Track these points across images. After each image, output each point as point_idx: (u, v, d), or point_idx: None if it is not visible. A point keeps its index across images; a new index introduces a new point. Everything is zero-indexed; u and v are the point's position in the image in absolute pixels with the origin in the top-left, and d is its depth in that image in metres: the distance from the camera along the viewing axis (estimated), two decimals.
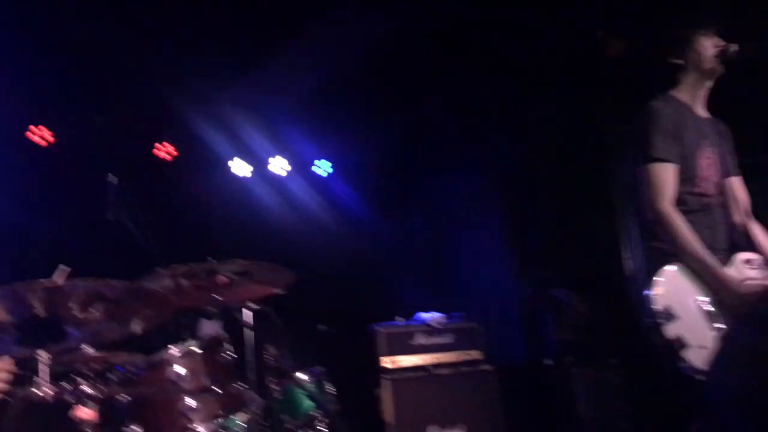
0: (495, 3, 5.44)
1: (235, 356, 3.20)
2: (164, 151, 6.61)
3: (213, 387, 2.90)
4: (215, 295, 3.30)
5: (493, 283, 6.40)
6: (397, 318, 5.45)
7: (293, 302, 5.05)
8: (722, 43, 3.01)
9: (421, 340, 5.30)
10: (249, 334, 3.52)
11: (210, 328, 3.56)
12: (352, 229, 7.42)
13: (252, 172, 7.15)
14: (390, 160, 7.40)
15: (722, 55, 2.99)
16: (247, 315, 3.56)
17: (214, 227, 6.43)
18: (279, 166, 7.27)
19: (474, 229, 6.79)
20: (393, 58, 6.07)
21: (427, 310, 5.53)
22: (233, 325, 3.45)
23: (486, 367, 5.32)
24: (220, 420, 2.85)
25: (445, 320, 5.42)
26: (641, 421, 4.96)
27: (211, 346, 3.05)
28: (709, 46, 3.00)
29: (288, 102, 6.75)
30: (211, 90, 6.19)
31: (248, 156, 7.09)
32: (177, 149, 6.65)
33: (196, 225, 6.36)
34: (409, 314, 5.52)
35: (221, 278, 3.40)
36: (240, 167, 7.06)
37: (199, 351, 3.04)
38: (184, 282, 3.41)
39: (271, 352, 3.33)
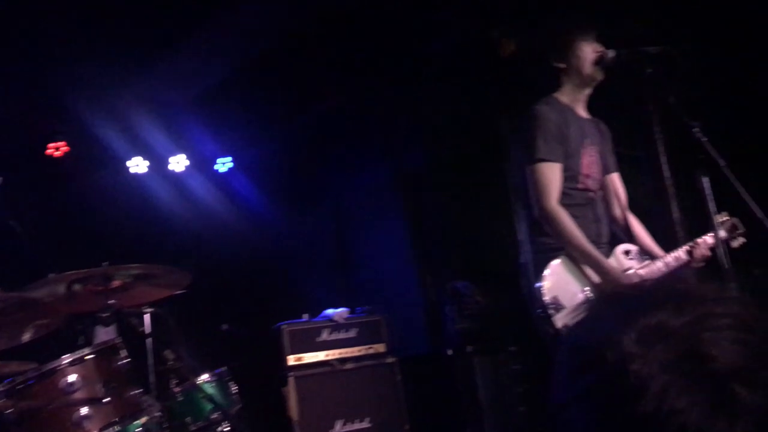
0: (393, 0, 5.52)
1: (132, 361, 3.14)
2: (55, 148, 6.35)
3: (108, 394, 2.83)
4: (110, 300, 3.22)
5: (397, 277, 6.51)
6: (304, 315, 5.46)
7: (195, 302, 5.00)
8: (601, 48, 3.18)
9: (325, 336, 5.33)
10: (147, 338, 3.45)
11: (105, 334, 3.48)
12: (256, 226, 7.36)
13: (151, 169, 6.97)
14: (293, 156, 7.38)
15: (601, 61, 3.16)
16: (144, 318, 3.49)
17: (110, 229, 6.25)
18: (178, 162, 7.12)
19: (378, 223, 6.88)
20: (294, 53, 6.06)
21: (335, 306, 5.57)
22: (130, 329, 3.38)
23: (390, 359, 5.41)
24: (116, 428, 2.78)
25: (349, 315, 5.47)
26: (536, 405, 5.19)
27: (106, 353, 2.98)
28: (589, 51, 3.16)
29: (187, 97, 6.61)
30: (106, 86, 5.99)
31: (147, 153, 6.91)
32: (70, 147, 6.40)
33: (90, 227, 6.16)
34: (317, 311, 5.55)
35: (116, 282, 3.33)
36: (138, 165, 6.87)
37: (93, 358, 2.95)
38: (77, 287, 3.32)
39: (169, 355, 3.28)
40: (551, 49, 3.22)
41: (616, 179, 3.36)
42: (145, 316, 3.58)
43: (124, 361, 3.00)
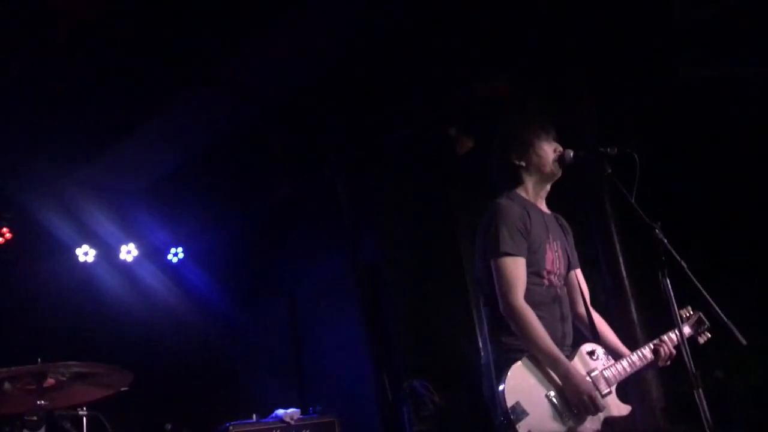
0: (349, 91, 5.58)
1: None
2: None
3: None
4: (42, 401, 2.98)
5: (352, 374, 6.31)
6: (253, 415, 5.22)
7: (140, 401, 4.72)
8: (560, 148, 3.20)
9: None
10: None
11: None
12: (207, 319, 7.13)
13: (99, 258, 6.75)
14: (245, 246, 7.25)
15: (560, 160, 3.17)
16: (77, 421, 3.24)
17: (51, 321, 5.96)
18: (129, 252, 6.92)
19: (333, 317, 6.71)
20: (246, 142, 6.06)
21: (286, 406, 5.35)
22: None
23: None
24: None
25: (300, 416, 5.24)
26: None
27: None
28: (549, 150, 3.18)
29: (137, 186, 6.51)
30: (53, 173, 5.86)
31: (95, 242, 6.71)
32: (13, 234, 6.17)
33: (31, 318, 5.87)
34: (267, 411, 5.31)
35: (50, 381, 3.10)
36: (87, 253, 6.65)
37: None
38: (7, 386, 3.08)
39: None
40: (512, 147, 3.22)
41: (579, 275, 3.31)
42: (79, 419, 3.32)
43: None
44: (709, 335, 3.31)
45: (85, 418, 3.34)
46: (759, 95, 4.46)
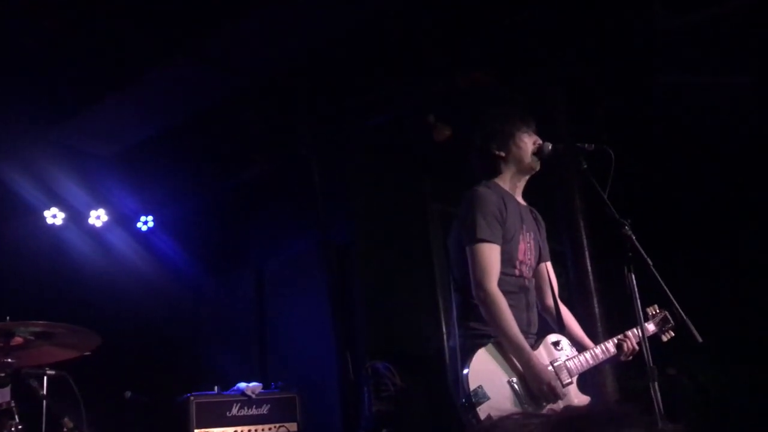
0: (330, 72, 5.58)
1: (26, 427, 2.88)
2: None
3: None
4: (8, 359, 2.97)
5: (316, 352, 6.35)
6: (214, 387, 5.24)
7: (101, 366, 4.70)
8: (540, 140, 3.27)
9: (235, 410, 5.11)
10: (44, 403, 3.19)
11: None
12: (173, 289, 7.10)
13: (68, 221, 6.67)
14: (216, 218, 7.23)
15: (539, 152, 3.24)
16: (44, 381, 3.24)
17: (18, 282, 5.88)
18: (98, 217, 6.85)
19: (299, 295, 6.74)
20: (222, 115, 6.02)
21: (248, 380, 5.37)
22: (26, 392, 3.11)
23: None
24: None
25: (262, 390, 5.28)
26: None
27: None
28: (528, 142, 3.25)
29: (109, 152, 6.43)
30: (22, 134, 5.76)
31: (64, 205, 6.63)
32: None
33: None
34: (229, 383, 5.33)
35: (17, 339, 3.09)
36: (55, 216, 6.57)
37: None
38: None
39: (68, 423, 3.03)
40: (493, 137, 3.28)
41: (549, 268, 3.39)
42: (45, 377, 3.31)
43: (17, 427, 2.74)
44: (673, 333, 3.41)
45: (50, 378, 3.33)
46: (733, 102, 4.59)
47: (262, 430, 5.16)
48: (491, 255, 3.03)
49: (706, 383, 4.99)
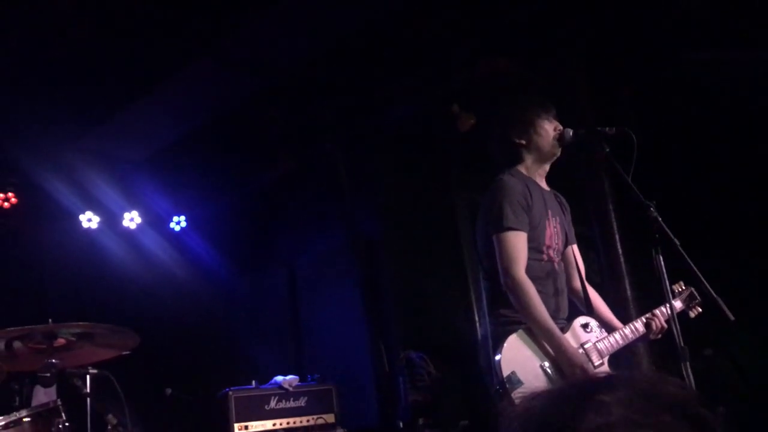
0: (353, 66, 5.61)
1: (72, 425, 2.97)
2: (4, 199, 6.18)
3: None
4: (52, 359, 3.07)
5: (350, 345, 6.41)
6: (252, 381, 5.32)
7: (141, 365, 4.82)
8: (560, 127, 3.27)
9: (273, 404, 5.18)
10: (88, 401, 3.29)
11: (45, 395, 3.30)
12: (208, 287, 7.21)
13: (102, 225, 6.82)
14: (247, 217, 7.32)
15: (560, 139, 3.24)
16: (88, 380, 3.34)
17: (58, 285, 6.05)
18: (132, 219, 7.00)
19: (332, 289, 6.81)
20: (251, 115, 6.09)
21: (285, 373, 5.45)
22: (71, 391, 3.22)
23: (339, 430, 5.27)
24: None
25: (299, 383, 5.35)
26: None
27: (45, 415, 2.82)
28: (549, 129, 3.25)
29: (141, 155, 6.56)
30: (58, 140, 5.91)
31: (99, 209, 6.78)
32: (19, 199, 6.24)
33: (37, 282, 5.95)
34: (266, 377, 5.41)
35: (60, 341, 3.20)
36: (90, 220, 6.72)
37: (29, 420, 2.79)
38: (18, 345, 3.18)
39: (112, 419, 3.12)
40: (512, 125, 3.29)
41: (575, 251, 3.40)
42: (88, 377, 3.41)
43: (64, 424, 2.84)
44: (700, 309, 3.40)
45: (94, 377, 3.43)
46: (756, 79, 4.52)
47: (300, 422, 5.22)
48: (518, 242, 3.05)
49: (744, 364, 4.94)
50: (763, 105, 4.45)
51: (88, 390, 3.33)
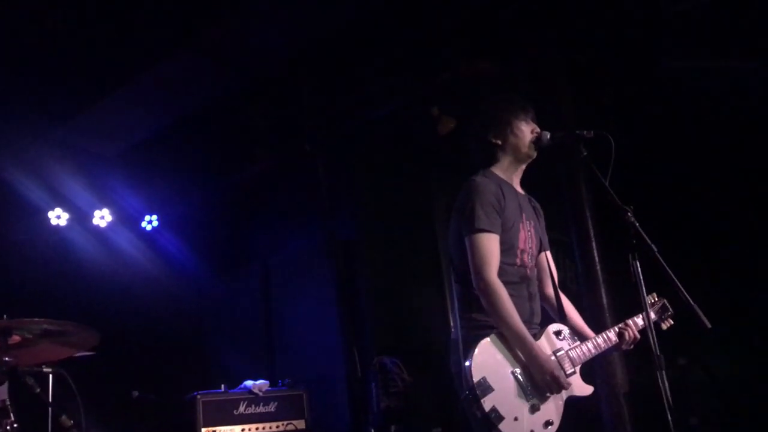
0: (333, 66, 5.55)
1: (23, 426, 2.85)
2: None
3: None
4: (5, 357, 2.95)
5: (323, 349, 6.32)
6: (221, 385, 5.22)
7: (108, 366, 4.69)
8: (538, 129, 3.21)
9: (243, 409, 5.09)
10: (42, 401, 3.16)
11: None
12: (179, 288, 7.09)
13: (72, 221, 6.68)
14: (221, 216, 7.22)
15: (537, 141, 3.19)
16: (43, 379, 3.21)
17: (22, 281, 5.90)
18: (102, 217, 6.85)
19: (306, 291, 6.71)
20: (225, 112, 6.01)
21: (255, 378, 5.35)
22: (24, 390, 3.09)
23: None
24: None
25: (269, 388, 5.26)
26: None
27: None
28: (526, 131, 3.20)
29: (112, 152, 6.43)
30: (25, 135, 5.77)
31: (68, 206, 6.64)
32: None
33: (1, 278, 5.80)
34: (235, 381, 5.31)
35: (15, 338, 3.07)
36: (60, 217, 6.58)
37: None
38: None
39: (66, 421, 3.00)
40: (490, 124, 3.23)
41: (548, 257, 3.33)
42: (44, 376, 3.29)
43: (12, 425, 2.71)
44: (672, 322, 3.36)
45: (51, 376, 3.31)
46: (738, 87, 4.51)
47: (270, 427, 5.14)
48: (490, 245, 2.98)
49: (718, 374, 4.90)
50: (743, 113, 4.44)
51: (42, 389, 3.20)
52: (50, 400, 3.33)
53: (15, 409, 2.79)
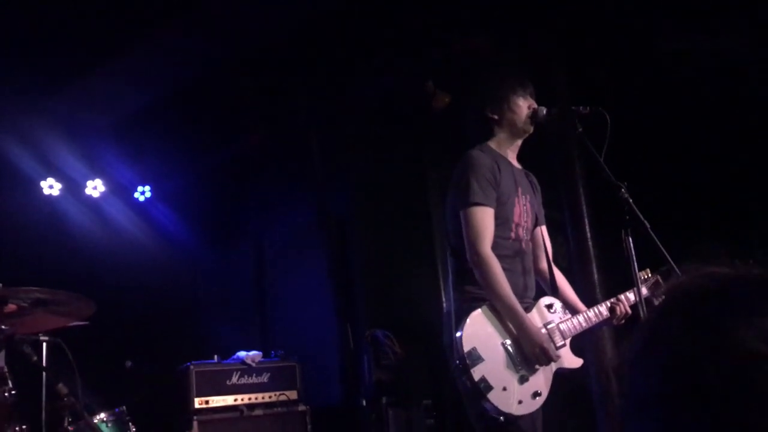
0: (327, 40, 5.51)
1: (20, 394, 2.88)
2: None
3: None
4: (1, 326, 2.96)
5: (315, 321, 6.36)
6: (214, 356, 5.26)
7: (101, 335, 4.71)
8: (535, 104, 3.23)
9: (235, 379, 5.13)
10: (40, 370, 3.19)
11: None
12: (172, 259, 7.10)
13: (65, 192, 6.66)
14: (214, 189, 7.20)
15: (534, 116, 3.20)
16: (39, 348, 3.24)
17: (15, 250, 5.88)
18: (95, 188, 6.83)
19: (298, 265, 6.73)
20: (218, 85, 5.96)
21: (248, 349, 5.39)
22: (21, 358, 3.12)
23: (301, 407, 5.24)
24: None
25: (262, 359, 5.29)
26: None
27: None
28: (523, 106, 3.21)
29: (105, 123, 6.39)
30: (16, 104, 5.72)
31: (60, 176, 6.61)
32: None
33: None
34: (229, 352, 5.35)
35: (11, 306, 3.09)
36: (52, 187, 6.55)
37: None
38: None
39: (63, 389, 3.03)
40: (487, 99, 3.24)
41: (543, 232, 3.37)
42: (40, 344, 3.31)
43: (10, 392, 2.74)
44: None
45: (45, 345, 3.33)
46: (733, 68, 4.52)
47: (263, 398, 5.18)
48: (485, 218, 3.00)
49: None
50: (740, 90, 4.45)
51: (39, 358, 3.23)
52: (47, 368, 3.35)
53: (12, 377, 2.80)
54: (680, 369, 0.73)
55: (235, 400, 5.07)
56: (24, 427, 2.78)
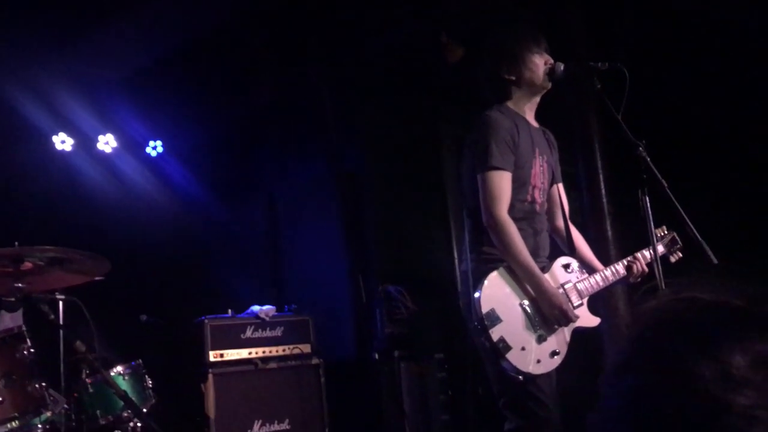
0: None
1: (38, 352, 2.91)
2: None
3: (8, 386, 2.59)
4: (18, 284, 2.98)
5: (328, 276, 6.39)
6: (228, 310, 5.29)
7: (116, 291, 4.75)
8: (551, 60, 3.15)
9: (249, 333, 5.17)
10: (57, 327, 3.22)
11: (10, 320, 3.23)
12: (185, 214, 7.10)
13: (77, 147, 6.64)
14: (226, 144, 7.16)
15: (551, 73, 3.13)
16: (56, 305, 3.26)
17: (28, 208, 5.90)
18: (107, 143, 6.81)
19: (312, 220, 6.73)
20: (231, 40, 5.87)
21: (262, 303, 5.42)
22: (38, 317, 3.14)
23: (315, 360, 5.29)
24: (14, 423, 2.55)
25: (275, 313, 5.33)
26: (458, 414, 5.15)
27: (8, 341, 2.74)
28: (540, 63, 3.13)
29: (116, 77, 6.32)
30: (27, 59, 5.66)
31: (73, 131, 6.58)
32: None
33: (6, 204, 5.80)
34: (242, 306, 5.38)
35: (27, 265, 3.10)
36: (64, 142, 6.53)
37: None
38: None
39: (81, 346, 3.06)
40: (502, 60, 3.16)
41: (560, 189, 3.34)
42: (56, 302, 3.34)
43: (29, 350, 2.77)
44: (681, 255, 3.38)
45: (62, 303, 3.36)
46: (757, 23, 4.40)
47: (276, 351, 5.22)
48: (502, 182, 2.98)
49: None
50: (763, 47, 4.34)
51: (55, 316, 3.26)
52: (64, 326, 3.38)
53: (30, 335, 2.83)
54: (645, 397, 0.73)
55: (250, 353, 5.12)
56: (44, 384, 2.82)
